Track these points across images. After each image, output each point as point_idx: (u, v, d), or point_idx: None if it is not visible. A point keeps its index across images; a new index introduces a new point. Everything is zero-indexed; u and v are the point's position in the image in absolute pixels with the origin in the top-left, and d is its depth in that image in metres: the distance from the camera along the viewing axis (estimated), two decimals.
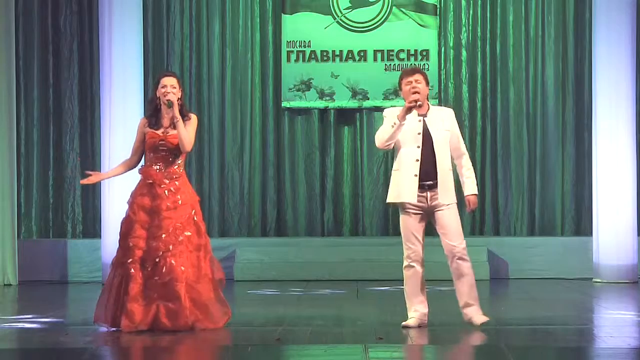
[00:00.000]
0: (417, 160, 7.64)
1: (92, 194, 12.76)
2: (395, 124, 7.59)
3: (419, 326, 7.68)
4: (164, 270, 7.59)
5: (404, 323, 7.70)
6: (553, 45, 12.88)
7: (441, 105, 12.81)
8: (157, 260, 7.62)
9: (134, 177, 10.97)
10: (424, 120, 7.69)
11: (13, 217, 11.83)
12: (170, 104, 7.79)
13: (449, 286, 9.21)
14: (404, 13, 12.92)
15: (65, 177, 12.88)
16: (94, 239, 12.35)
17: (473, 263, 7.72)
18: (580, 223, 12.80)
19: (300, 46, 12.91)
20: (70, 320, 8.66)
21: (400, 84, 7.78)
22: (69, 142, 12.88)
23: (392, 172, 7.82)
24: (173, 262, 7.60)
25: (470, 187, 7.81)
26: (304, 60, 12.90)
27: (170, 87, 7.84)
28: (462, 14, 12.97)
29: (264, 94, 13.05)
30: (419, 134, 7.66)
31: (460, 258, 7.62)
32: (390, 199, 7.79)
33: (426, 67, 12.73)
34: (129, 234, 7.71)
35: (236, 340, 7.39)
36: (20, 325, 8.18)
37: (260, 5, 13.03)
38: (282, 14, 12.94)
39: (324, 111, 13.03)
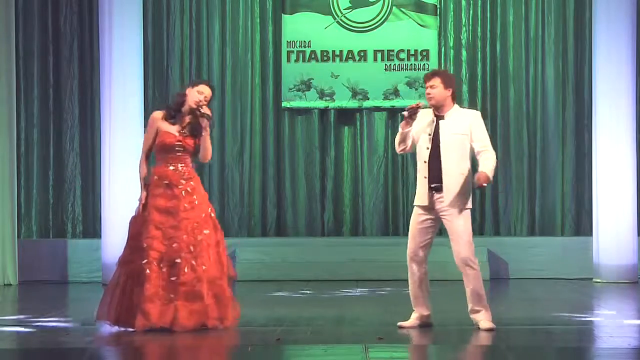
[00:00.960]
0: (425, 162, 7.62)
1: (92, 194, 12.76)
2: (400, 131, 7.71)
3: (418, 327, 7.70)
4: (185, 270, 7.57)
5: (399, 323, 7.74)
6: (553, 45, 12.88)
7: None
8: (178, 261, 7.59)
9: (133, 177, 10.89)
10: (437, 123, 7.65)
11: (13, 217, 11.82)
12: (208, 117, 7.70)
13: (448, 286, 9.23)
14: (404, 13, 12.92)
15: (65, 177, 12.88)
16: (94, 239, 12.35)
17: None
18: (580, 223, 12.80)
19: (300, 46, 12.92)
20: (70, 320, 8.65)
21: None
22: (69, 142, 12.88)
23: None
24: (194, 262, 7.61)
25: (484, 165, 7.55)
26: (304, 60, 12.90)
27: (204, 98, 7.75)
28: (462, 14, 12.97)
29: (264, 94, 13.05)
30: (429, 135, 7.63)
31: (466, 265, 7.57)
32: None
33: (426, 67, 12.74)
34: (142, 234, 7.65)
35: (236, 340, 7.39)
36: (21, 325, 8.18)
37: (260, 5, 13.03)
38: (282, 14, 12.94)
39: (324, 111, 13.03)
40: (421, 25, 12.89)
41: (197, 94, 7.74)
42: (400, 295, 9.04)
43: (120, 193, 11.40)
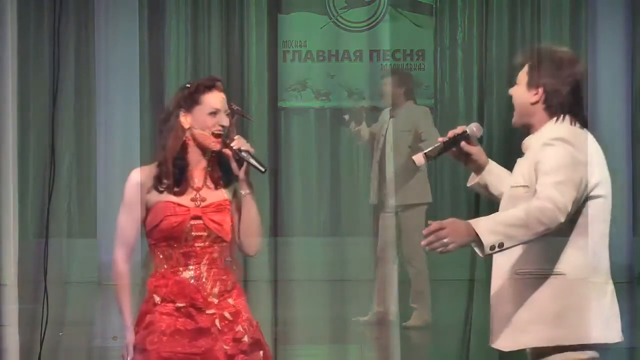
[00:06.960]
0: (377, 161, 7.75)
1: (89, 194, 12.75)
2: None
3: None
4: None
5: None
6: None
7: (437, 105, 12.94)
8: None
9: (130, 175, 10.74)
10: (390, 122, 7.76)
11: (12, 217, 11.79)
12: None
13: (448, 286, 9.27)
14: (399, 13, 12.93)
15: (62, 177, 12.85)
16: (90, 239, 12.34)
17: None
18: None
19: (296, 46, 12.92)
20: (69, 320, 8.65)
21: None
22: (65, 142, 12.85)
23: None
24: None
25: None
26: (299, 60, 12.91)
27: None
28: (458, 14, 12.99)
29: (259, 94, 13.05)
30: (382, 135, 7.75)
31: None
32: None
33: (422, 67, 12.76)
34: None
35: None
36: (19, 325, 8.17)
37: (256, 5, 13.04)
38: (278, 14, 12.95)
39: (320, 111, 13.05)
40: (417, 25, 12.91)
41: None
42: (400, 295, 9.05)
43: (118, 193, 11.39)
